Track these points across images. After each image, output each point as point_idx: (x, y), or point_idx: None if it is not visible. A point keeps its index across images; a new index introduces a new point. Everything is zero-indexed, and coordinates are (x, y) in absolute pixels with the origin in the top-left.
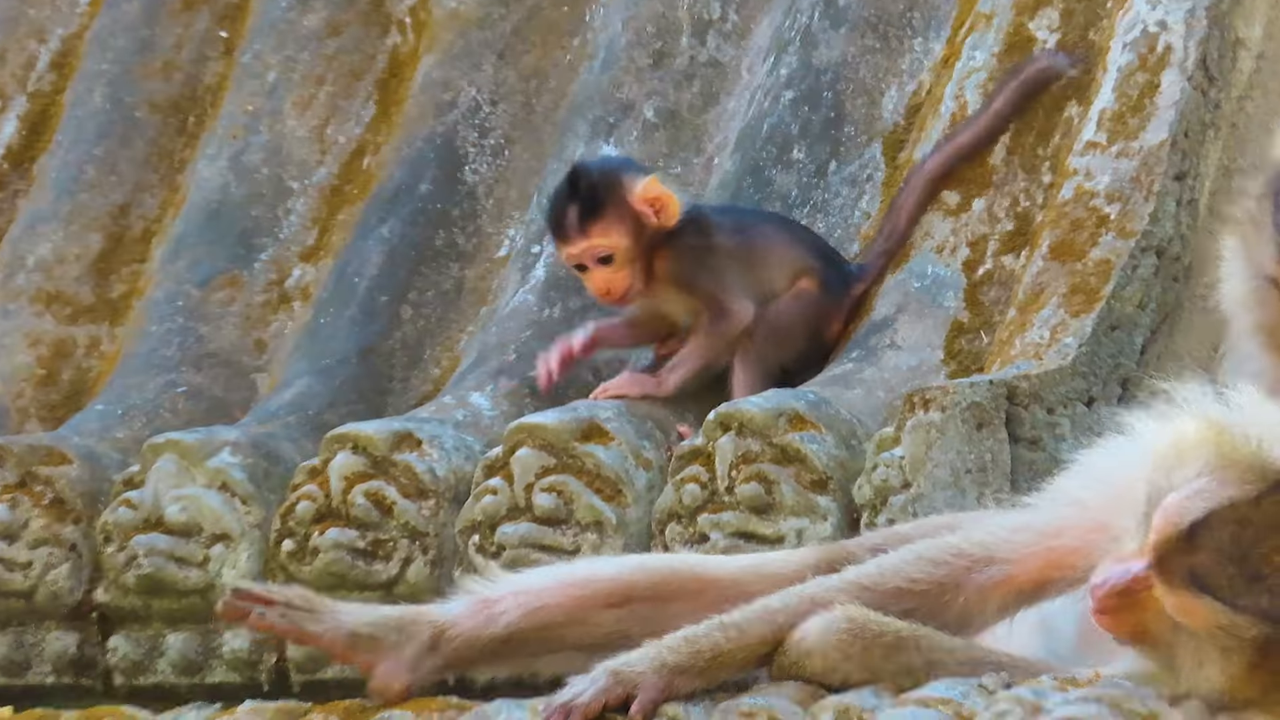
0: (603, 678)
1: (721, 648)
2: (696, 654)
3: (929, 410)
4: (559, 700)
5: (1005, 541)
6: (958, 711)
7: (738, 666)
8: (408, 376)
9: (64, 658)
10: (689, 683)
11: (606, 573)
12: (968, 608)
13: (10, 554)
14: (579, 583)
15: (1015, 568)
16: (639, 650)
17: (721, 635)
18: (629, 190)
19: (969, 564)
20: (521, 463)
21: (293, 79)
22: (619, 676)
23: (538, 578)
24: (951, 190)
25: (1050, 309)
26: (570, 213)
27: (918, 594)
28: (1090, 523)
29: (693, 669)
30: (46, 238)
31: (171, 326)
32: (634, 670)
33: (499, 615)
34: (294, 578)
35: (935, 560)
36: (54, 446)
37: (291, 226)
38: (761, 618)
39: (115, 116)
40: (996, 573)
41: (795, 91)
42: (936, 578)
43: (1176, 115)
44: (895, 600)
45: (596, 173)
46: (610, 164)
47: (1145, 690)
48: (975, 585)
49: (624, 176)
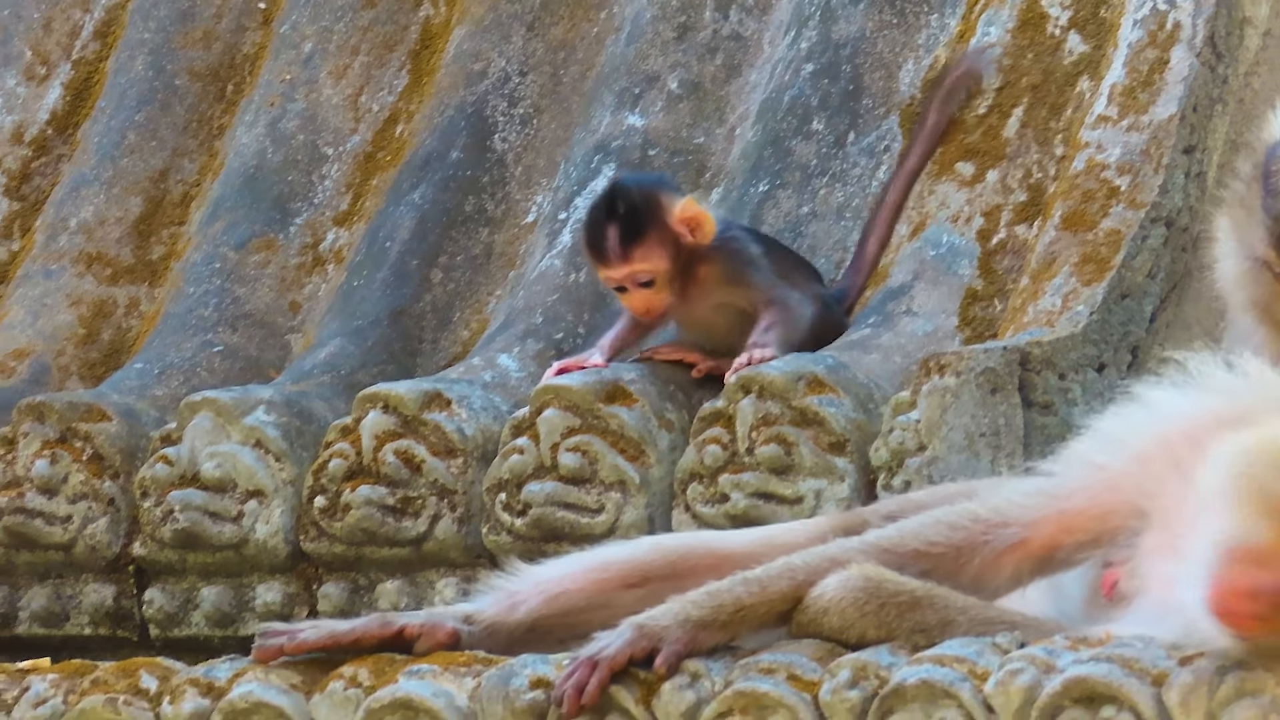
0: (628, 632)
1: (744, 602)
2: (719, 608)
3: (944, 375)
4: (586, 653)
5: (1020, 506)
6: (972, 669)
7: (759, 622)
8: (437, 338)
9: (101, 610)
10: (712, 637)
11: (623, 555)
12: (983, 572)
13: (50, 508)
14: (597, 567)
15: (1030, 532)
16: (663, 606)
17: (744, 590)
18: (668, 212)
19: (985, 529)
20: (548, 423)
21: (328, 49)
22: (644, 630)
23: (556, 567)
24: (966, 161)
25: (1062, 277)
26: (611, 236)
27: (934, 557)
28: (1105, 486)
29: (715, 623)
30: (89, 200)
31: (209, 288)
32: (659, 625)
33: (520, 604)
34: (325, 533)
35: (953, 525)
36: (94, 403)
37: (326, 192)
38: (783, 574)
39: (156, 84)
40: (1011, 536)
41: (815, 64)
42: (954, 542)
43: (1185, 90)
44: (913, 562)
45: (637, 194)
46: (648, 184)
47: (1156, 650)
48: (991, 550)
49: (663, 198)
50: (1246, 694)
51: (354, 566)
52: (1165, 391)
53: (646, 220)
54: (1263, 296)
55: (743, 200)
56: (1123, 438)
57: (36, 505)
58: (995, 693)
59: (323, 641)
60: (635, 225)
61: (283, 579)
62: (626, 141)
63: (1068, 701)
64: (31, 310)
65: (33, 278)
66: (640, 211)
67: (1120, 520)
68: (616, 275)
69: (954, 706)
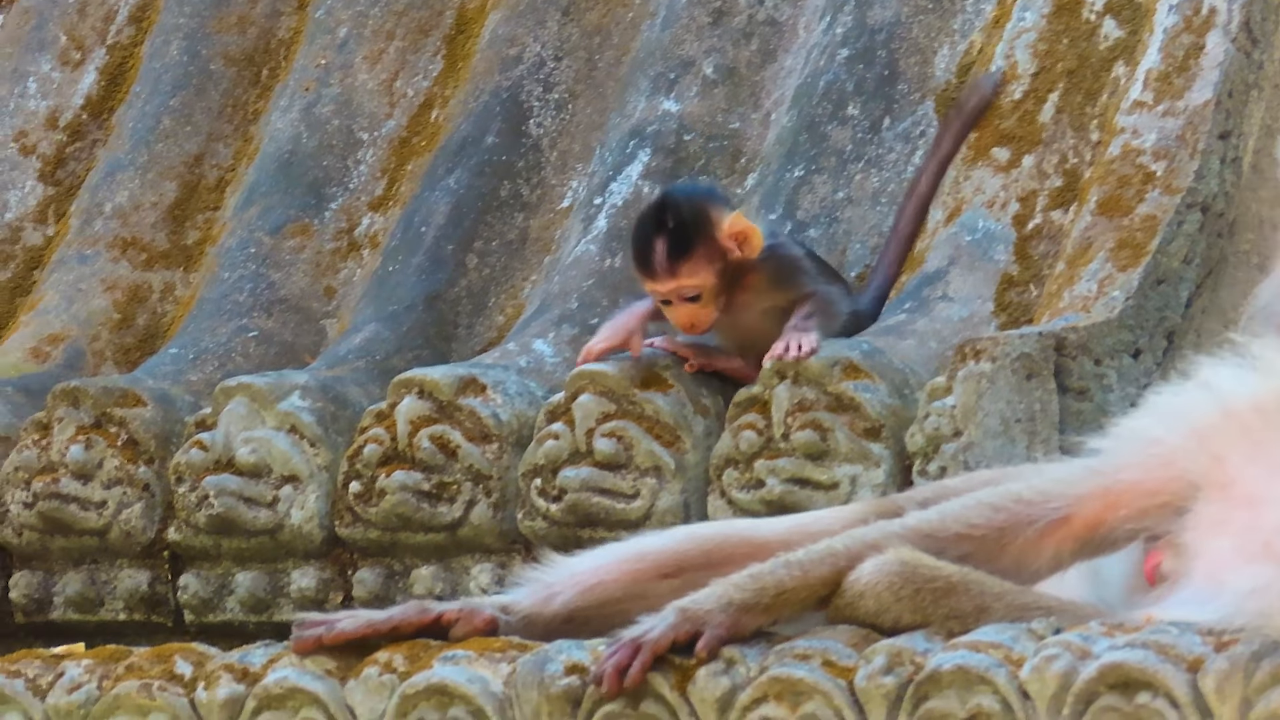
0: (672, 615)
1: (786, 586)
2: (761, 591)
3: (980, 360)
4: (629, 635)
5: (1066, 483)
6: (1008, 655)
7: (801, 605)
8: (472, 323)
9: (135, 595)
10: (754, 620)
11: (658, 545)
12: (1024, 555)
13: (85, 493)
14: (632, 558)
15: (1075, 509)
16: (706, 589)
17: (786, 574)
18: (717, 226)
19: (1029, 509)
20: (583, 408)
21: (363, 34)
22: (687, 614)
23: (591, 559)
24: (1001, 147)
25: (1098, 263)
26: (658, 250)
27: (976, 540)
28: (1159, 462)
29: (758, 606)
30: (123, 185)
31: (244, 273)
32: (701, 609)
33: (556, 595)
34: (360, 519)
35: (995, 506)
36: (129, 389)
37: (361, 177)
38: (825, 558)
39: (191, 69)
40: (1055, 514)
41: (850, 50)
42: (996, 523)
43: (1221, 75)
44: (954, 546)
45: (686, 208)
46: (697, 197)
47: (1191, 636)
48: (1034, 530)
49: (712, 211)
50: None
51: (389, 552)
52: (1226, 369)
53: (695, 235)
54: None
55: (778, 186)
56: (1182, 412)
57: (71, 490)
58: (1031, 679)
59: (361, 631)
60: (683, 239)
61: (318, 564)
62: (662, 127)
63: (1103, 688)
64: (66, 295)
65: (68, 263)
66: (689, 225)
67: (1170, 497)
68: (662, 289)
69: (989, 693)
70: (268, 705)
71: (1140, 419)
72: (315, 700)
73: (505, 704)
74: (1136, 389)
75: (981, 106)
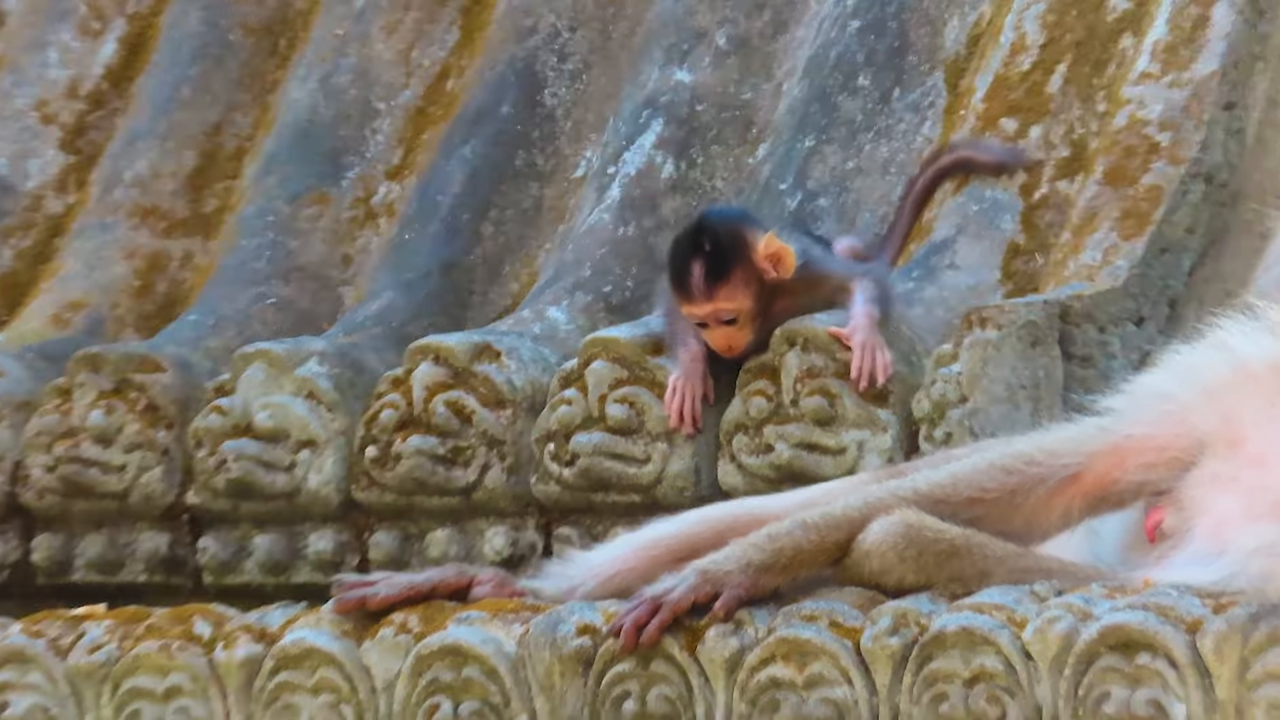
0: (693, 577)
1: (802, 547)
2: (779, 552)
3: (986, 328)
4: (650, 592)
5: (1076, 441)
6: (1010, 617)
7: (815, 565)
8: (487, 291)
9: (155, 557)
10: (772, 580)
11: (671, 530)
12: (1034, 515)
13: (105, 457)
14: (647, 545)
15: (1085, 466)
16: (725, 550)
17: (802, 535)
18: (753, 249)
19: (1040, 470)
20: (596, 375)
21: (380, 4)
22: (708, 575)
23: (607, 550)
24: (1009, 118)
25: (1103, 232)
26: (696, 273)
27: (988, 502)
28: (1170, 418)
29: (775, 566)
30: (143, 154)
31: (262, 241)
32: (721, 570)
33: (577, 588)
34: (376, 483)
35: (1007, 468)
36: (148, 355)
37: (378, 146)
38: (838, 522)
39: (210, 39)
40: (1065, 472)
41: (861, 21)
42: (1009, 485)
43: (1226, 47)
44: (967, 508)
45: (723, 232)
46: (733, 220)
47: (1191, 599)
48: (1045, 489)
49: (748, 235)
50: (1279, 641)
51: (405, 515)
52: (1240, 330)
53: (732, 258)
54: None
55: (789, 156)
56: (1195, 370)
57: (92, 455)
58: (1033, 640)
59: (403, 594)
60: (721, 263)
61: (335, 527)
62: (675, 97)
63: (1104, 649)
64: (87, 263)
65: (88, 231)
66: (726, 250)
67: (1179, 453)
68: (700, 312)
69: (993, 653)
70: (285, 665)
71: (1152, 377)
72: (332, 660)
73: (518, 664)
74: (1139, 356)
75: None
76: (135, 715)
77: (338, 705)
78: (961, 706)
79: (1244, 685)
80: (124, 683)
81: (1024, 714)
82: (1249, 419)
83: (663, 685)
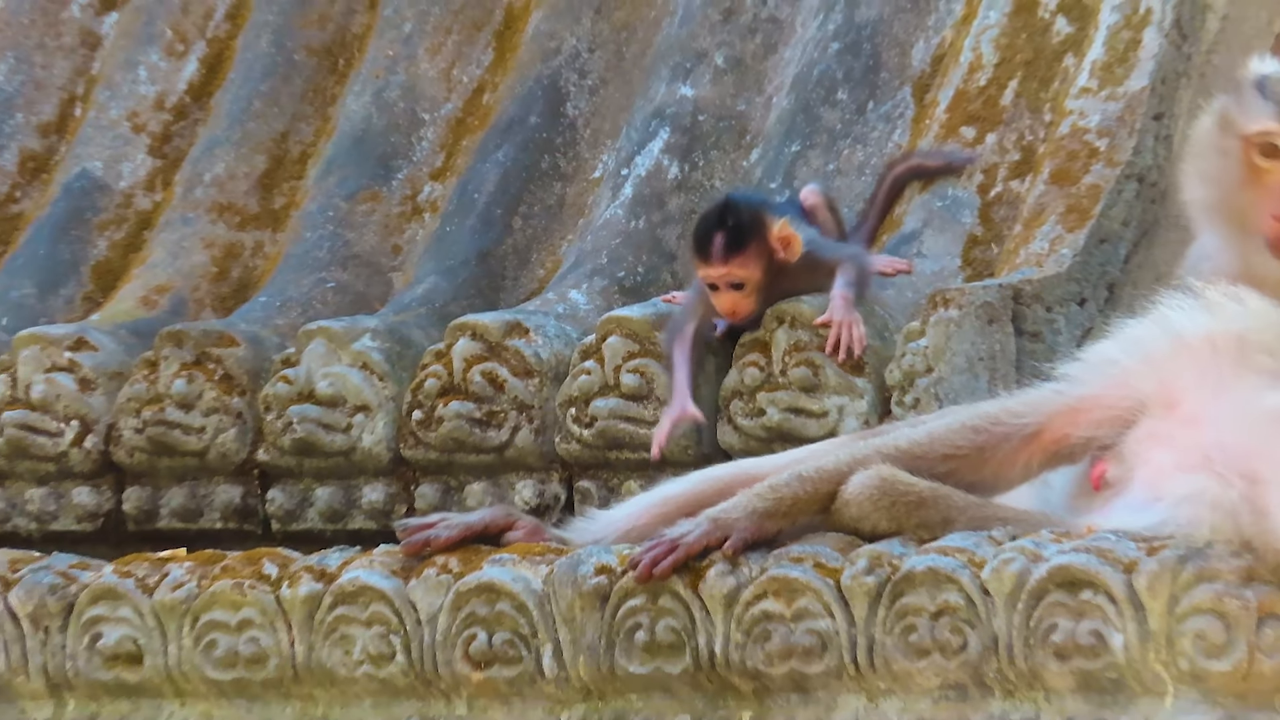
0: (705, 524)
1: (799, 496)
2: (779, 500)
3: (949, 308)
4: (669, 534)
5: (1036, 404)
6: (971, 559)
7: (810, 511)
8: (517, 276)
9: (230, 507)
10: (774, 524)
11: (679, 489)
12: (1000, 468)
13: (187, 420)
14: (658, 503)
15: (1043, 425)
16: (733, 500)
17: (800, 486)
18: (769, 229)
19: (1005, 429)
20: (611, 348)
21: (425, 29)
22: (718, 522)
23: (625, 508)
24: (968, 126)
25: (1049, 225)
26: (717, 241)
27: (960, 457)
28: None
29: (776, 513)
30: (220, 159)
31: (323, 233)
32: (730, 517)
33: (599, 539)
34: (421, 442)
35: (976, 428)
36: (224, 331)
37: (423, 151)
38: (829, 475)
39: (278, 59)
40: (1026, 430)
41: (840, 43)
42: (977, 443)
43: (1155, 66)
44: (941, 463)
45: (744, 210)
46: (755, 202)
47: (1128, 543)
48: (1009, 445)
49: (765, 216)
50: (1204, 579)
51: (446, 470)
52: (1179, 307)
53: (750, 232)
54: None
55: (778, 160)
56: (1140, 340)
57: (175, 418)
58: (991, 579)
59: (460, 535)
60: (739, 235)
61: (385, 481)
62: (679, 109)
63: (1052, 586)
64: (171, 252)
65: (172, 224)
66: (745, 225)
67: (1122, 413)
68: (714, 274)
69: (955, 590)
70: (342, 601)
71: (1102, 346)
72: (383, 596)
73: (544, 599)
74: (1082, 332)
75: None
76: (212, 645)
77: (387, 635)
78: (929, 636)
79: (1173, 618)
80: (202, 616)
81: (983, 643)
82: (1184, 384)
83: (669, 618)
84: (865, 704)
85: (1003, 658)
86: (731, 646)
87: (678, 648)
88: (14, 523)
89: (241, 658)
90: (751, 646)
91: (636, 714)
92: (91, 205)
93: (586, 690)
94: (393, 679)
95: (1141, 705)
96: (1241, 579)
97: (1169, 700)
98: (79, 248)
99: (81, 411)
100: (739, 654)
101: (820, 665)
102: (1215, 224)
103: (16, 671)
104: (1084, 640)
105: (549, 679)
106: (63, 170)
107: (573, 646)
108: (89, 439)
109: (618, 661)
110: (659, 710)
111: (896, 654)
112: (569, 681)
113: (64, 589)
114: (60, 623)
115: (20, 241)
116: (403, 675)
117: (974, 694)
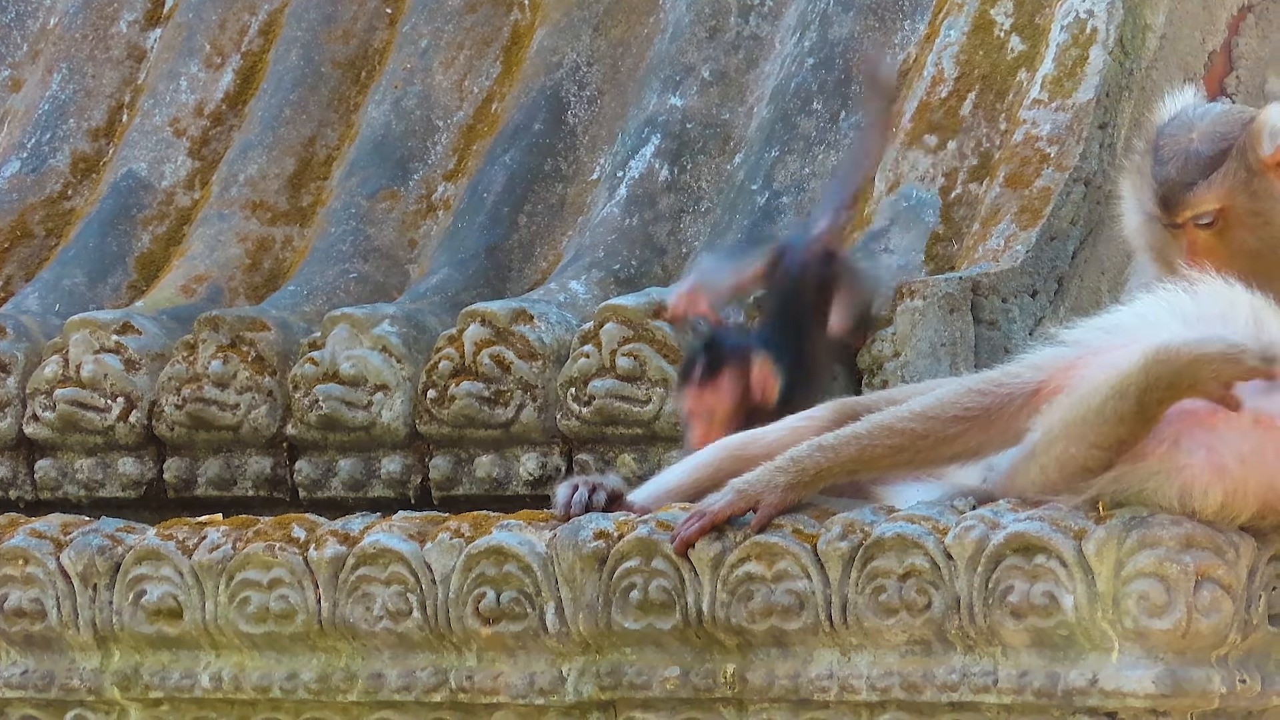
0: (730, 494)
1: (821, 466)
2: (802, 471)
3: (914, 299)
4: (697, 506)
5: (1034, 365)
6: (935, 526)
7: (833, 478)
8: (523, 268)
9: (261, 477)
10: (797, 495)
11: (699, 463)
12: (1008, 424)
13: (222, 398)
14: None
15: (1044, 381)
16: (755, 472)
17: (821, 456)
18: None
19: (1010, 389)
20: (608, 334)
21: (440, 45)
22: (743, 493)
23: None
24: (931, 134)
25: (1005, 224)
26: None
27: (970, 419)
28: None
29: (800, 484)
30: (253, 160)
31: (346, 228)
32: (753, 489)
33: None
34: (435, 418)
35: (981, 391)
36: (257, 317)
37: (437, 155)
38: (850, 442)
39: (307, 71)
40: (1029, 389)
41: (815, 59)
42: (985, 405)
43: (1100, 80)
44: (953, 424)
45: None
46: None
47: (1078, 513)
48: (1014, 405)
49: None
50: (1147, 545)
51: (457, 444)
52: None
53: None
54: (1156, 242)
55: (759, 164)
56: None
57: (212, 396)
58: (953, 544)
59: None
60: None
61: (402, 453)
62: (669, 118)
63: (1009, 551)
64: (209, 245)
65: (209, 220)
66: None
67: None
68: (689, 405)
69: (921, 554)
70: (364, 562)
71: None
72: (401, 558)
73: (547, 561)
74: (1034, 321)
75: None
76: (245, 601)
77: (405, 594)
78: (897, 596)
79: (1119, 580)
80: (236, 575)
81: (945, 603)
82: None
83: (661, 578)
84: (839, 657)
85: (964, 616)
86: (718, 605)
87: (668, 606)
88: (65, 490)
89: (272, 613)
90: (736, 605)
91: (630, 666)
92: (136, 202)
93: (585, 644)
94: (409, 633)
95: (1090, 660)
96: (1181, 545)
97: (1115, 655)
98: (125, 241)
99: (127, 389)
100: (724, 612)
101: (798, 622)
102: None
103: (67, 625)
104: (1038, 601)
105: (551, 634)
106: (111, 170)
107: (573, 604)
108: (133, 414)
109: (614, 618)
110: (651, 662)
111: (867, 612)
112: (570, 636)
113: (111, 550)
114: (108, 581)
115: (71, 235)
116: (418, 630)
117: (937, 649)
